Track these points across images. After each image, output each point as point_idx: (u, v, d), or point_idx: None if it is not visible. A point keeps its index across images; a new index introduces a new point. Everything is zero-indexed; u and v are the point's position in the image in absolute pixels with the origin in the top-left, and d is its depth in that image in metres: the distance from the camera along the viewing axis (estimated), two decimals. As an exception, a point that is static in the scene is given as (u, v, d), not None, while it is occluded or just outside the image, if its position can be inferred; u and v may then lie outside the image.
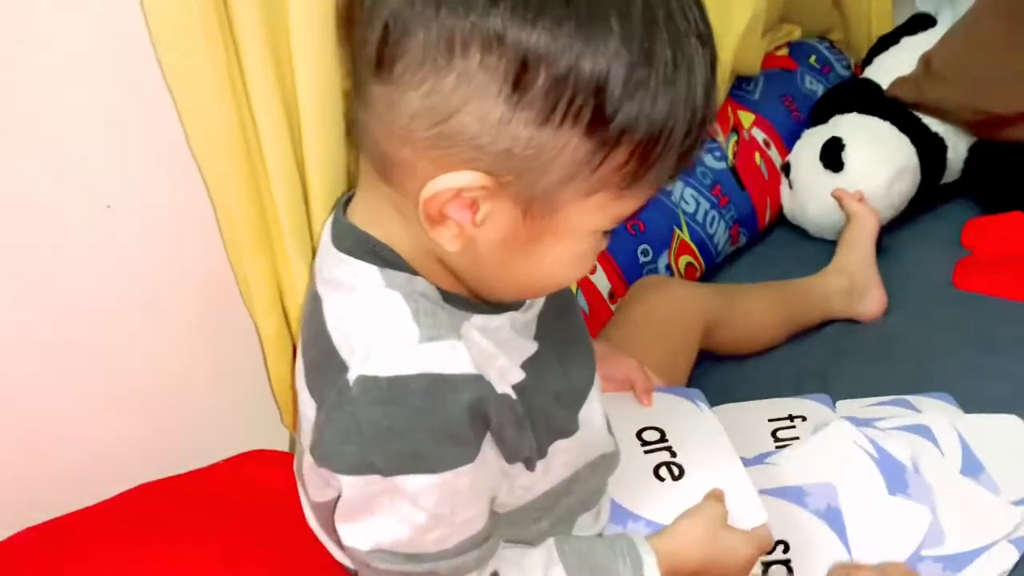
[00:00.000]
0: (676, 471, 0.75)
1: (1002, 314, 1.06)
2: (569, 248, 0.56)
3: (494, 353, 0.59)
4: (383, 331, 0.56)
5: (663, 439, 0.78)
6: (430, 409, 0.54)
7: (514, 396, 0.59)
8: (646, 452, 0.77)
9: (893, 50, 1.39)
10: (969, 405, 0.91)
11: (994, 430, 0.85)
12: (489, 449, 0.58)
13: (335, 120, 0.68)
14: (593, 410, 0.67)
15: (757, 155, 1.29)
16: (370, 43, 0.51)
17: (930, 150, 1.28)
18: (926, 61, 1.31)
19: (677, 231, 1.15)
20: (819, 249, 1.23)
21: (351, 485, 0.57)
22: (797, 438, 0.88)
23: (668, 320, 0.97)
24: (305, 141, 0.69)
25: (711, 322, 1.00)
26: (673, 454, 0.77)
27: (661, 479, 0.75)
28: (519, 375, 0.60)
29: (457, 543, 0.59)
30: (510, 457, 0.61)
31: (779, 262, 1.26)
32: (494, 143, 0.49)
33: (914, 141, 1.27)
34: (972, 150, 1.31)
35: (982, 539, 0.74)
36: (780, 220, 1.34)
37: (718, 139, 1.26)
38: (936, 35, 1.35)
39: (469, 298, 0.60)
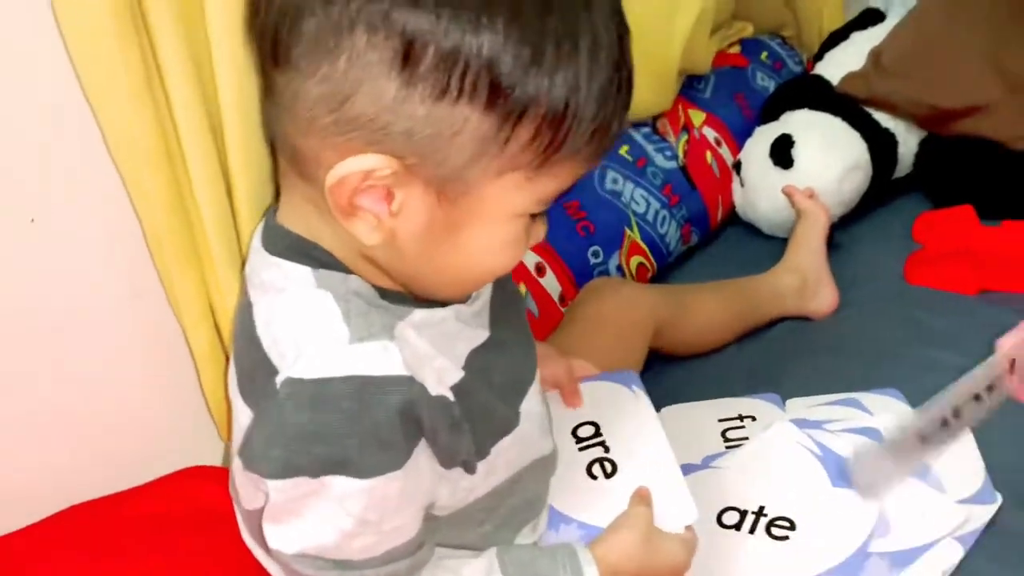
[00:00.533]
0: (609, 467, 0.74)
1: (951, 308, 1.07)
2: (493, 234, 0.55)
3: (430, 354, 0.58)
4: (312, 332, 0.56)
5: (597, 433, 0.78)
6: (358, 413, 0.53)
7: (451, 398, 0.58)
8: (580, 449, 0.76)
9: (843, 45, 1.39)
10: (918, 401, 0.90)
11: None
12: (422, 454, 0.57)
13: (258, 123, 0.66)
14: (533, 404, 0.66)
15: (708, 154, 1.28)
16: (268, 33, 0.51)
17: (881, 145, 1.28)
18: (875, 56, 1.32)
19: (628, 232, 1.15)
20: (772, 246, 1.23)
21: (277, 489, 0.56)
22: (747, 438, 0.87)
23: (618, 322, 0.96)
24: (228, 146, 0.67)
25: (661, 323, 1.00)
26: (607, 449, 0.76)
27: (594, 477, 0.74)
28: (457, 375, 0.59)
29: (386, 551, 0.58)
30: (446, 462, 0.60)
31: (732, 260, 1.26)
32: (393, 123, 0.49)
33: (865, 137, 1.27)
34: (923, 144, 1.31)
35: (927, 536, 0.74)
36: (733, 218, 1.34)
37: (669, 138, 1.25)
38: (886, 30, 1.36)
39: (408, 294, 0.59)
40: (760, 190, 1.25)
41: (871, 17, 1.42)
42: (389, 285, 0.59)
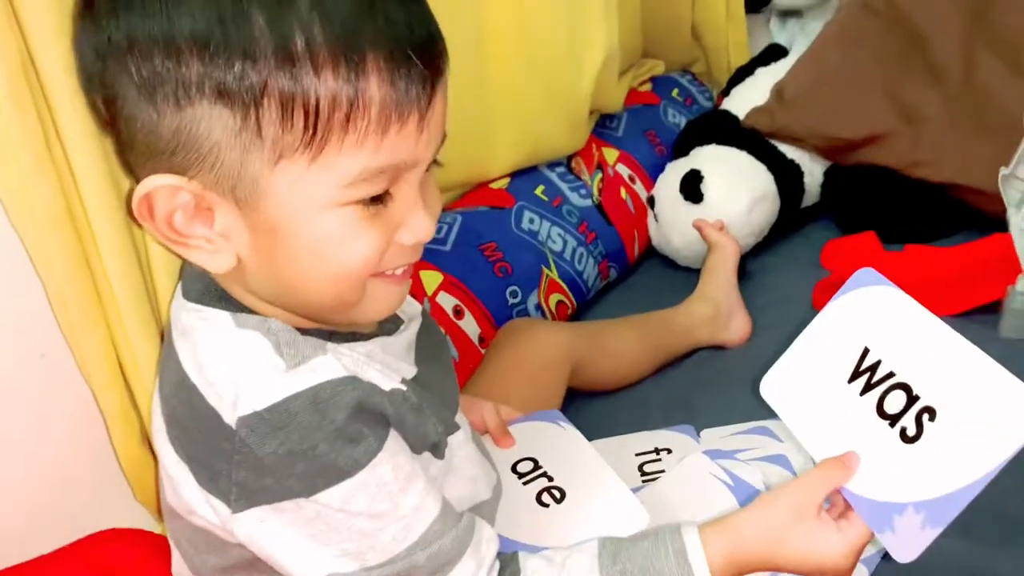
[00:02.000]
0: (557, 494, 0.76)
1: (856, 333, 1.10)
2: (318, 228, 0.54)
3: (366, 362, 0.60)
4: (248, 369, 0.56)
5: (537, 467, 0.79)
6: (318, 421, 0.54)
7: (405, 388, 0.60)
8: (525, 484, 0.78)
9: (749, 81, 1.45)
10: (826, 425, 0.94)
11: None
12: (395, 441, 0.59)
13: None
14: (457, 445, 0.67)
15: (623, 190, 1.32)
16: (88, 102, 0.59)
17: (787, 176, 1.33)
18: (778, 91, 1.37)
19: (545, 270, 1.17)
20: (689, 277, 1.26)
21: (283, 511, 0.56)
22: (663, 471, 0.89)
23: (534, 363, 0.98)
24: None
25: (578, 361, 1.01)
26: (550, 479, 0.78)
27: (545, 505, 0.75)
28: (410, 371, 0.62)
29: (423, 533, 0.59)
30: (417, 446, 0.61)
31: (651, 292, 1.29)
32: (159, 142, 0.53)
33: (771, 168, 1.32)
34: (827, 174, 1.37)
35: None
36: (651, 251, 1.38)
37: (583, 177, 1.28)
38: (788, 65, 1.42)
39: (332, 330, 0.61)
40: (673, 224, 1.29)
41: (775, 53, 1.48)
42: (309, 325, 0.60)
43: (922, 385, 0.54)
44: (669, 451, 0.93)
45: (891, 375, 0.56)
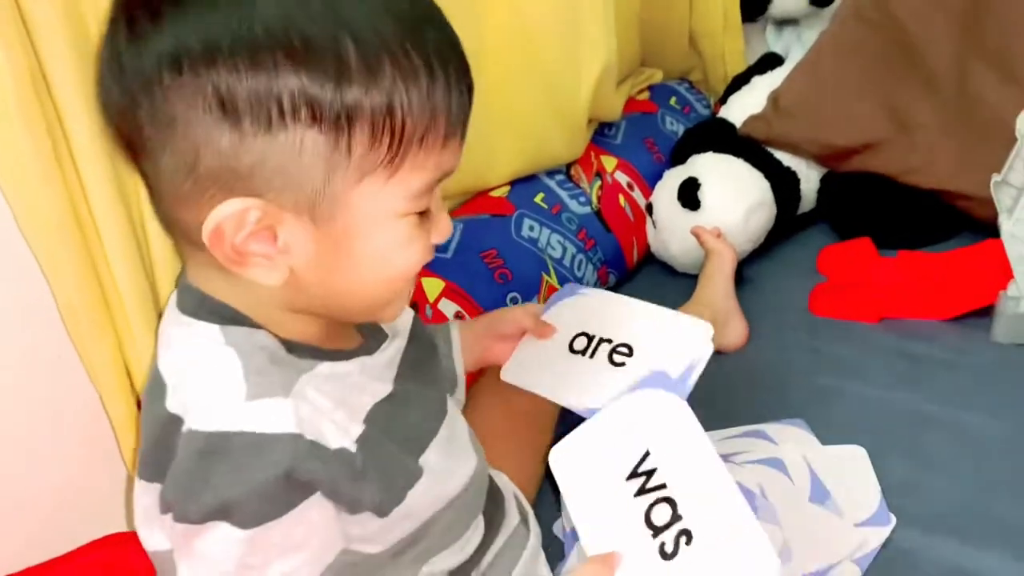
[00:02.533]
0: (625, 350, 0.76)
1: (852, 337, 1.12)
2: (382, 239, 0.57)
3: (330, 408, 0.60)
4: (212, 388, 0.57)
5: (591, 337, 0.79)
6: (247, 467, 0.55)
7: (353, 449, 0.60)
8: (591, 356, 0.76)
9: (746, 89, 1.46)
10: (821, 429, 0.95)
11: (841, 460, 0.89)
12: (312, 508, 0.58)
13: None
14: (435, 457, 0.67)
15: (621, 197, 1.34)
16: (117, 132, 0.55)
17: (784, 183, 1.35)
18: (774, 99, 1.39)
19: (545, 277, 1.19)
20: (687, 283, 1.27)
21: (175, 529, 0.57)
22: (661, 473, 0.91)
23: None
24: (146, 215, 0.69)
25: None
26: (610, 341, 0.77)
27: (620, 364, 0.75)
28: (358, 428, 0.61)
29: None
30: (352, 509, 0.61)
31: (650, 298, 1.27)
32: (238, 167, 0.52)
33: (768, 176, 1.33)
34: (824, 180, 1.39)
35: (827, 559, 0.78)
36: (650, 257, 1.39)
37: (582, 185, 1.30)
38: (784, 73, 1.43)
39: (318, 346, 0.62)
40: (671, 231, 1.31)
41: (771, 61, 1.49)
42: (299, 336, 0.61)
43: (685, 506, 0.57)
44: (667, 455, 0.94)
45: (663, 486, 0.58)
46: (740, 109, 1.42)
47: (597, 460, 0.65)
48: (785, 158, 1.36)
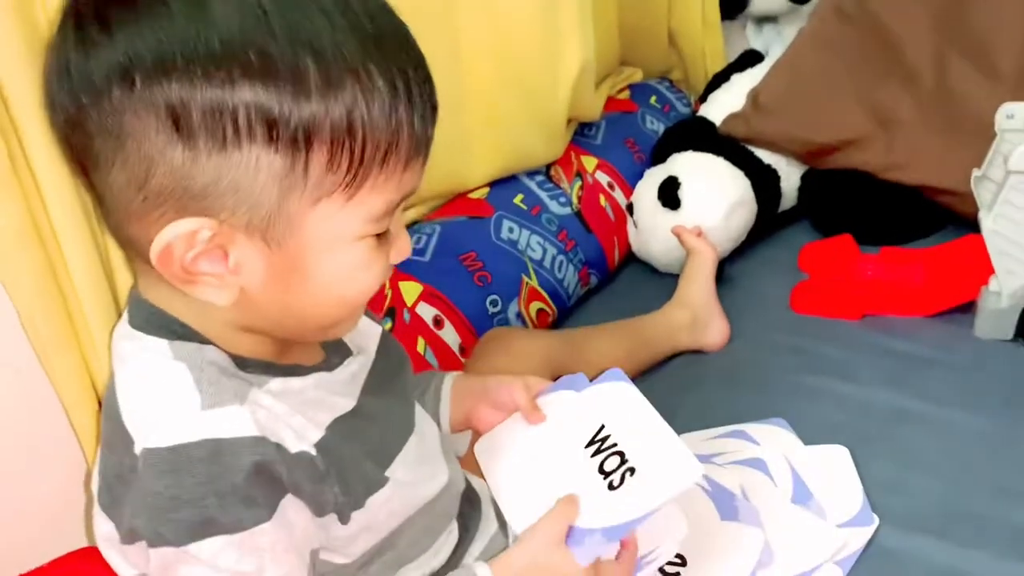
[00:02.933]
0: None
1: (833, 335, 1.12)
2: (338, 262, 0.56)
3: (288, 413, 0.59)
4: (164, 401, 0.56)
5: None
6: (216, 474, 0.54)
7: (314, 453, 0.59)
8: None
9: (725, 87, 1.46)
10: (803, 428, 0.95)
11: (823, 460, 0.89)
12: (290, 507, 0.58)
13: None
14: (401, 471, 0.66)
15: (602, 197, 1.33)
16: (65, 143, 0.54)
17: (764, 181, 1.34)
18: (754, 97, 1.38)
19: (525, 279, 1.17)
20: (669, 283, 1.26)
21: (151, 556, 0.56)
22: (642, 476, 0.90)
23: (515, 373, 0.97)
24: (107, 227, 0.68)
25: (557, 370, 1.01)
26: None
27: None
28: (318, 434, 0.60)
29: None
30: (317, 511, 0.60)
31: (632, 298, 1.29)
32: (192, 186, 0.51)
33: (748, 174, 1.32)
34: (804, 178, 1.38)
35: (809, 562, 0.77)
36: (631, 257, 1.38)
37: (562, 185, 1.29)
38: (764, 70, 1.43)
39: (272, 361, 0.60)
40: (652, 231, 1.30)
41: (751, 58, 1.49)
42: (250, 352, 0.59)
43: (632, 453, 0.70)
44: (648, 457, 0.93)
45: (614, 444, 0.72)
46: (720, 107, 1.42)
47: (529, 441, 0.75)
48: (765, 156, 1.36)
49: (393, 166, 0.54)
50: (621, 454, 0.70)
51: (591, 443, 0.73)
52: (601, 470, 0.70)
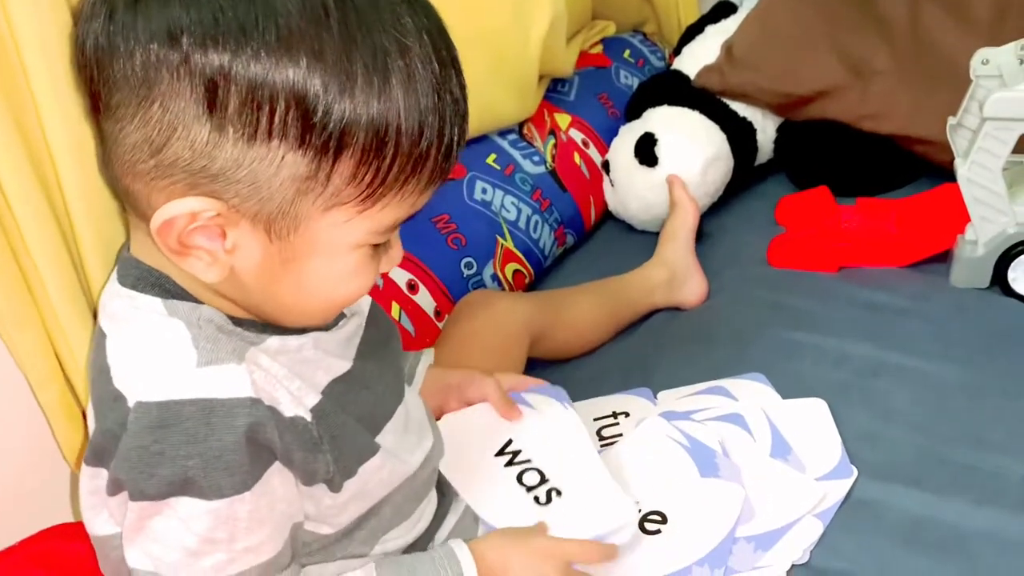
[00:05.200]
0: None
1: (810, 288, 1.11)
2: (332, 265, 0.56)
3: (286, 376, 0.59)
4: (160, 357, 0.56)
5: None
6: (203, 435, 0.54)
7: (309, 419, 0.59)
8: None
9: (699, 39, 1.44)
10: (781, 382, 0.94)
11: (801, 413, 0.88)
12: (275, 476, 0.57)
13: (96, 168, 0.65)
14: (390, 439, 0.66)
15: (576, 155, 1.31)
16: (86, 83, 0.53)
17: (740, 135, 1.33)
18: (728, 49, 1.36)
19: (500, 240, 1.16)
20: (647, 240, 1.26)
21: (129, 509, 0.56)
22: (621, 435, 0.90)
23: (493, 337, 0.97)
24: (68, 196, 0.66)
25: (537, 332, 1.01)
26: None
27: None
28: (315, 398, 0.60)
29: (239, 572, 0.58)
30: (306, 480, 0.60)
31: (609, 257, 1.28)
32: (209, 166, 0.50)
33: (724, 128, 1.31)
34: (780, 130, 1.37)
35: (789, 516, 0.77)
36: (608, 216, 1.37)
37: (536, 144, 1.27)
38: (739, 22, 1.40)
39: (267, 323, 0.60)
40: (629, 189, 1.28)
41: (724, 9, 1.46)
42: (242, 314, 0.59)
43: (553, 474, 0.76)
44: (627, 414, 0.93)
45: (528, 460, 0.77)
46: (694, 60, 1.39)
47: (470, 437, 0.78)
48: (741, 109, 1.34)
49: (412, 188, 0.54)
50: (540, 472, 0.76)
51: (502, 452, 0.77)
52: (520, 481, 0.75)
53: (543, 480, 0.76)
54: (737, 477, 0.81)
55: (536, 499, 0.74)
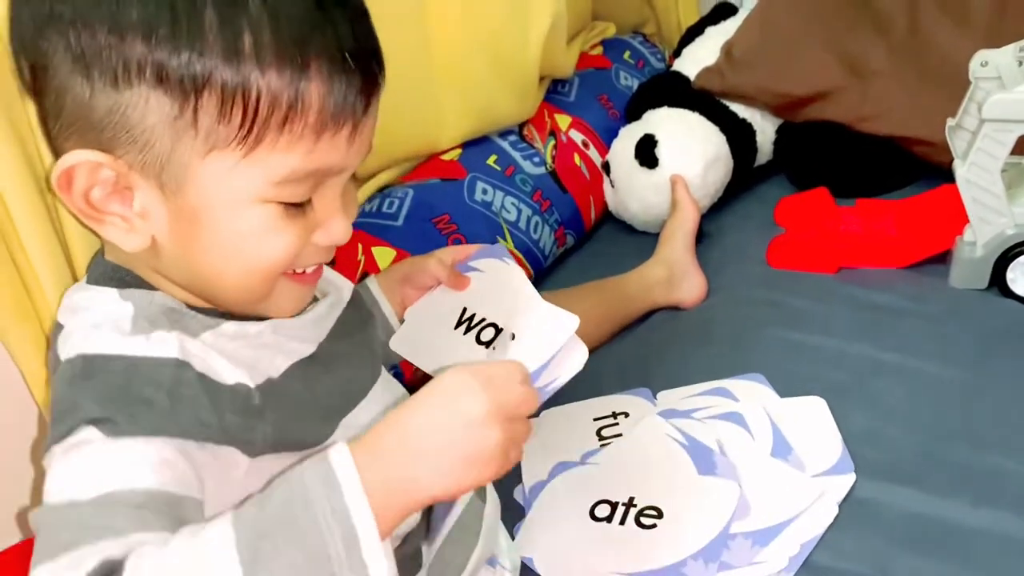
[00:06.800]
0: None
1: (809, 289, 1.11)
2: (237, 222, 0.55)
3: (234, 354, 0.57)
4: (96, 324, 0.56)
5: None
6: (125, 385, 0.52)
7: (251, 385, 0.57)
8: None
9: (699, 41, 1.44)
10: (781, 382, 0.95)
11: (801, 412, 0.89)
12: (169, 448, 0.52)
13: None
14: (354, 419, 0.65)
15: (576, 156, 1.31)
16: (14, 70, 0.56)
17: (740, 136, 1.33)
18: (727, 50, 1.36)
19: (501, 241, 1.16)
20: (647, 241, 1.26)
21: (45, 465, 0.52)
22: (620, 435, 0.90)
23: None
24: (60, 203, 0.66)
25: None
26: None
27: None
28: (265, 377, 0.58)
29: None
30: (247, 448, 0.56)
31: (609, 258, 1.29)
32: (91, 117, 0.52)
33: (724, 129, 1.31)
34: (780, 131, 1.37)
35: (787, 513, 0.77)
36: (608, 216, 1.37)
37: (536, 145, 1.28)
38: (738, 23, 1.41)
39: (225, 312, 0.60)
40: (629, 190, 1.29)
41: (724, 11, 1.47)
42: (197, 302, 0.59)
43: (506, 323, 0.74)
44: (626, 414, 0.93)
45: (483, 320, 0.76)
46: (694, 61, 1.40)
47: (429, 327, 0.79)
48: (740, 110, 1.34)
49: (299, 131, 0.53)
50: (495, 326, 0.74)
51: (459, 323, 0.77)
52: (479, 340, 0.73)
53: (498, 332, 0.74)
54: (733, 475, 0.81)
55: (494, 349, 0.72)
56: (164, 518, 0.48)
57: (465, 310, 0.79)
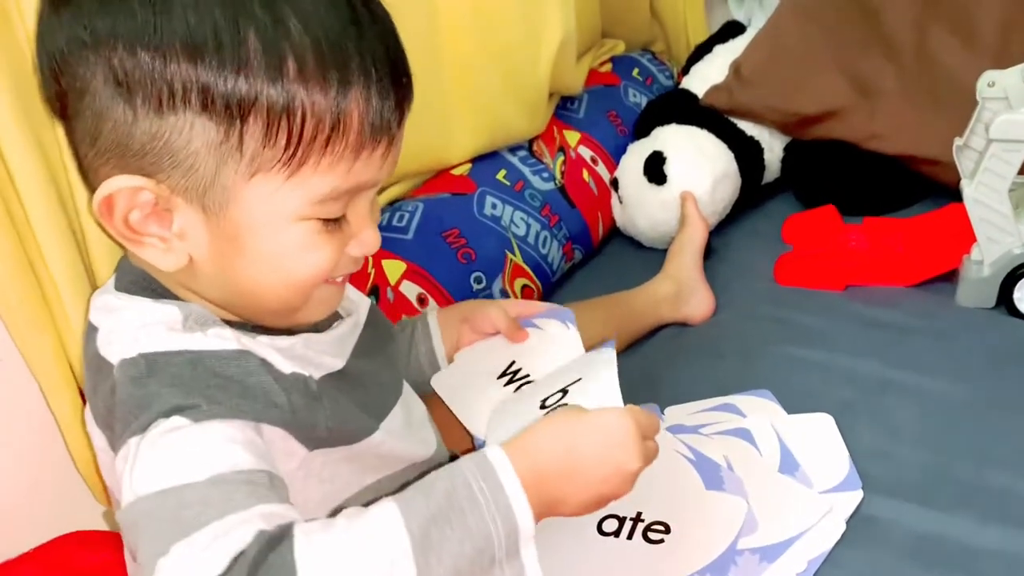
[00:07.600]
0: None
1: (817, 306, 1.12)
2: (277, 241, 0.56)
3: (277, 358, 0.58)
4: (145, 323, 0.57)
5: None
6: (193, 376, 0.53)
7: (307, 374, 0.59)
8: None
9: (708, 59, 1.45)
10: (788, 398, 0.95)
11: (809, 428, 0.89)
12: (260, 432, 0.54)
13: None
14: (390, 425, 0.66)
15: (585, 172, 1.32)
16: (43, 94, 0.57)
17: (747, 153, 1.34)
18: (736, 68, 1.37)
19: (509, 255, 1.17)
20: (655, 257, 1.26)
21: (116, 463, 0.54)
22: (628, 450, 0.90)
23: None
24: (79, 206, 0.67)
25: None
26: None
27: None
28: (335, 364, 0.62)
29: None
30: (307, 440, 0.58)
31: (617, 273, 1.29)
32: (131, 144, 0.53)
33: (732, 146, 1.32)
34: (787, 149, 1.38)
35: (794, 529, 0.77)
36: (616, 232, 1.38)
37: (545, 160, 1.28)
38: (746, 41, 1.42)
39: (257, 325, 0.61)
40: (638, 206, 1.29)
41: (733, 29, 1.48)
42: (230, 317, 0.60)
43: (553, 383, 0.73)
44: (634, 430, 0.93)
45: (527, 376, 0.76)
46: (702, 79, 1.41)
47: (472, 373, 0.79)
48: (748, 127, 1.35)
49: (340, 150, 0.54)
50: (563, 392, 0.72)
51: (504, 374, 0.77)
52: (544, 405, 0.71)
53: (564, 395, 0.72)
54: (740, 490, 0.81)
55: (542, 405, 0.70)
56: (273, 492, 0.50)
57: (513, 363, 0.78)
